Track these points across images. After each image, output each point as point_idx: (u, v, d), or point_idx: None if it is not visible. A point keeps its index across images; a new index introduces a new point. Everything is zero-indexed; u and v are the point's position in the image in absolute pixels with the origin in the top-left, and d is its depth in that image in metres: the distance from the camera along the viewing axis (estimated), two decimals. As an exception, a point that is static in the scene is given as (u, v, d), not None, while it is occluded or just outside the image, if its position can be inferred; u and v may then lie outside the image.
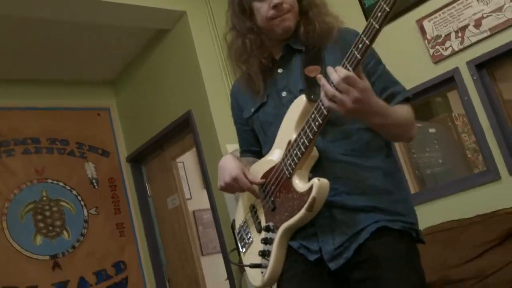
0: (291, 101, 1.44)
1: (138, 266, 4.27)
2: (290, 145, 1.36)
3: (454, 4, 2.81)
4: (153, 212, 4.52)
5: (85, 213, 4.18)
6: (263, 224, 1.44)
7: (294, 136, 1.36)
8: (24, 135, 4.08)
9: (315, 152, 1.34)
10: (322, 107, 1.25)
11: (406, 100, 1.43)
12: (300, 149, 1.32)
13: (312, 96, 1.35)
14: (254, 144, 1.67)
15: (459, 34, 2.80)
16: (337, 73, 1.19)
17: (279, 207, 1.38)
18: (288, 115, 1.42)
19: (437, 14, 2.88)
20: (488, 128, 2.70)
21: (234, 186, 1.43)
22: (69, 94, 4.43)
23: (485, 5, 2.69)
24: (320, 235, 1.34)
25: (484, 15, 2.70)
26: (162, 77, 4.08)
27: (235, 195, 1.49)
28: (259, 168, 1.49)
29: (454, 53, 2.83)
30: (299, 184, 1.32)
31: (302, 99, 1.37)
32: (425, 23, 2.94)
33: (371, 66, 1.45)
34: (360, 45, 1.18)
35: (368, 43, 1.16)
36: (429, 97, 3.12)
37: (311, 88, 1.38)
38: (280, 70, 1.53)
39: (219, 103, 3.56)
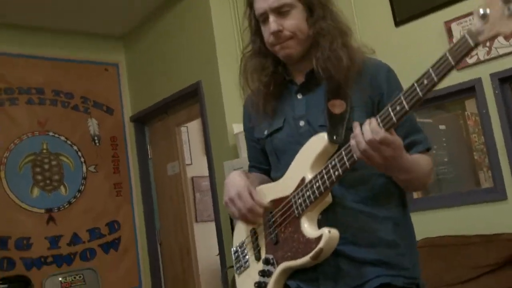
0: (309, 133, 1.36)
1: (131, 227, 4.29)
2: (304, 184, 1.30)
3: (487, 11, 2.66)
4: (152, 175, 4.50)
5: (84, 169, 4.16)
6: (263, 255, 1.40)
7: (309, 176, 1.29)
8: (29, 84, 4.01)
9: (329, 198, 1.29)
10: (345, 158, 1.20)
11: (427, 149, 1.36)
12: (314, 193, 1.26)
13: (334, 137, 1.28)
14: (263, 163, 1.61)
15: (487, 44, 2.67)
16: (371, 131, 1.13)
17: (283, 243, 1.34)
18: (306, 150, 1.34)
19: (467, 19, 2.75)
20: (502, 146, 2.63)
21: (237, 204, 1.37)
22: (78, 45, 4.32)
23: (520, 18, 2.56)
24: (321, 282, 1.30)
25: (517, 28, 2.57)
26: (175, 41, 3.96)
27: (234, 194, 1.41)
28: (266, 192, 1.43)
29: (479, 62, 2.71)
30: (308, 228, 1.27)
31: (323, 138, 1.29)
32: (454, 25, 2.80)
33: None
34: (398, 107, 1.10)
35: (408, 110, 1.10)
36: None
37: (333, 126, 1.31)
38: (299, 96, 1.44)
39: (230, 80, 3.46)
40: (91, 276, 3.91)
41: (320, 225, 1.28)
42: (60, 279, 3.76)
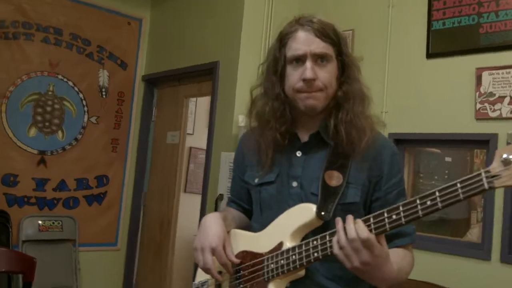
0: (299, 197, 1.33)
1: (120, 185, 4.29)
2: (280, 250, 1.27)
3: (522, 69, 2.57)
4: (151, 137, 4.47)
5: (85, 119, 4.12)
6: None
7: (287, 244, 1.26)
8: (48, 23, 3.92)
9: (302, 272, 1.26)
10: (328, 245, 1.15)
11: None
12: (288, 265, 1.23)
13: (322, 213, 1.23)
14: (245, 202, 1.57)
15: (514, 102, 2.59)
16: (357, 230, 1.08)
17: None
18: (290, 215, 1.30)
19: (500, 71, 2.65)
20: (500, 207, 2.58)
21: (206, 256, 1.32)
22: (106, -7, 4.22)
23: (553, 85, 2.47)
24: None
25: (547, 95, 2.48)
26: (204, 14, 3.86)
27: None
28: (240, 239, 1.40)
29: (500, 118, 2.63)
30: None
31: (311, 211, 1.24)
32: (485, 74, 2.71)
33: (391, 197, 1.33)
34: (394, 217, 1.07)
35: (403, 223, 1.06)
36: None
37: (324, 199, 1.26)
38: (299, 154, 1.38)
39: (248, 71, 3.39)
40: (69, 224, 3.94)
41: None
42: (39, 221, 3.78)
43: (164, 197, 4.25)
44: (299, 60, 1.32)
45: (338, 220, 1.13)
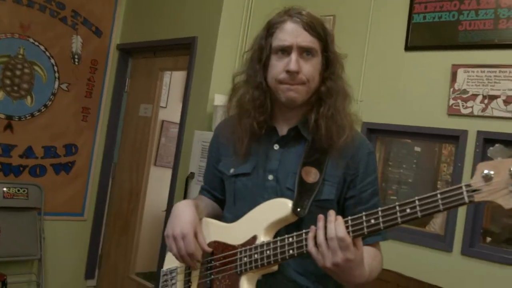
0: (274, 191, 1.33)
1: (88, 155, 4.22)
2: (254, 244, 1.27)
3: (497, 69, 2.62)
4: (123, 109, 4.39)
5: (56, 86, 4.01)
6: None
7: (261, 239, 1.26)
8: (21, -17, 3.76)
9: (275, 266, 1.27)
10: (305, 247, 1.16)
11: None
12: (262, 259, 1.23)
13: (298, 209, 1.24)
14: (217, 191, 1.57)
15: (485, 101, 2.64)
16: (336, 228, 1.09)
17: None
18: (265, 208, 1.30)
19: (475, 69, 2.70)
20: (464, 206, 2.65)
21: (179, 243, 1.32)
22: (83, -45, 4.06)
23: (525, 88, 2.53)
24: None
25: (518, 96, 2.55)
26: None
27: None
28: (212, 229, 1.39)
29: (471, 115, 2.69)
30: None
31: (287, 207, 1.25)
32: (460, 71, 2.75)
33: (365, 196, 1.35)
34: (372, 221, 1.08)
35: (381, 228, 1.08)
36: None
37: (300, 195, 1.27)
38: (276, 147, 1.38)
39: (226, 50, 3.35)
40: (35, 192, 3.86)
41: (258, 286, 1.27)
42: (4, 188, 3.69)
43: (134, 169, 4.21)
44: (285, 51, 1.31)
45: (320, 218, 1.14)
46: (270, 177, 1.35)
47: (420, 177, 3.60)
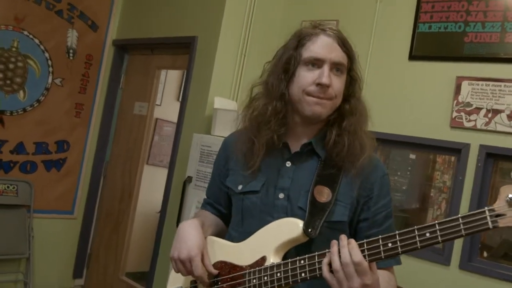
0: (284, 210, 1.28)
1: (81, 152, 4.14)
2: (263, 265, 1.23)
3: (502, 83, 2.60)
4: (117, 106, 4.31)
5: (50, 80, 3.91)
6: None
7: (271, 260, 1.22)
8: (17, -26, 3.66)
9: None
10: (318, 270, 1.13)
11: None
12: (272, 282, 1.19)
13: (309, 230, 1.20)
14: (222, 205, 1.52)
15: (489, 115, 2.62)
16: (351, 252, 1.05)
17: None
18: (275, 228, 1.25)
19: (480, 82, 2.67)
20: (464, 217, 2.64)
21: (186, 267, 1.28)
22: None
23: (530, 103, 2.51)
24: None
25: (523, 112, 2.53)
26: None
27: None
28: (218, 248, 1.35)
29: (474, 128, 2.67)
30: None
31: (298, 227, 1.20)
32: (464, 83, 2.73)
33: (379, 218, 1.31)
34: (390, 244, 1.04)
35: (400, 253, 1.04)
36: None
37: (312, 215, 1.22)
38: (288, 164, 1.33)
39: (227, 51, 3.29)
40: (25, 189, 3.78)
41: None
42: (-8, 184, 3.60)
43: (126, 168, 4.14)
44: (316, 64, 1.28)
45: (334, 243, 1.10)
46: (281, 195, 1.30)
47: (414, 185, 3.59)
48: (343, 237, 1.10)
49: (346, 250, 1.07)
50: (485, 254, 2.80)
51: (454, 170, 2.83)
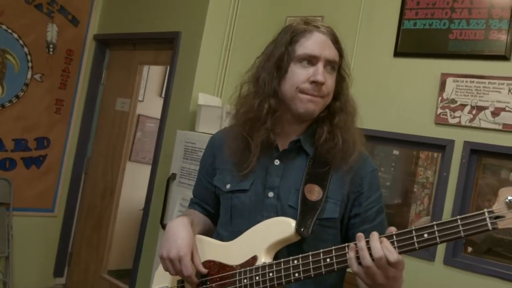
0: (275, 209, 1.27)
1: (61, 149, 4.06)
2: (254, 265, 1.21)
3: (486, 80, 2.62)
4: (98, 101, 4.24)
5: (29, 76, 3.83)
6: None
7: (262, 259, 1.20)
8: (-5, -34, 3.57)
9: None
10: (311, 266, 1.11)
11: None
12: (264, 283, 1.18)
13: (302, 229, 1.18)
14: (210, 205, 1.49)
15: (474, 112, 2.64)
16: (385, 251, 1.03)
17: None
18: (266, 228, 1.23)
19: (464, 79, 2.69)
20: (449, 214, 2.66)
21: (176, 266, 1.25)
22: None
23: (513, 100, 2.53)
24: None
25: (507, 109, 2.55)
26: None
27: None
28: (207, 247, 1.32)
29: (459, 125, 2.69)
30: None
31: (290, 227, 1.19)
32: (449, 80, 2.74)
33: (371, 214, 1.30)
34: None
35: (417, 248, 1.04)
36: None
37: (303, 214, 1.21)
38: (277, 162, 1.31)
39: (212, 46, 3.25)
40: (4, 186, 3.69)
41: None
42: (-30, 182, 3.51)
43: (108, 165, 4.07)
44: (310, 61, 1.26)
45: (361, 237, 1.08)
46: (271, 194, 1.29)
47: (397, 180, 3.61)
48: (374, 234, 1.07)
49: (378, 245, 1.05)
50: (469, 249, 2.82)
51: (438, 166, 2.84)
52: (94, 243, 4.01)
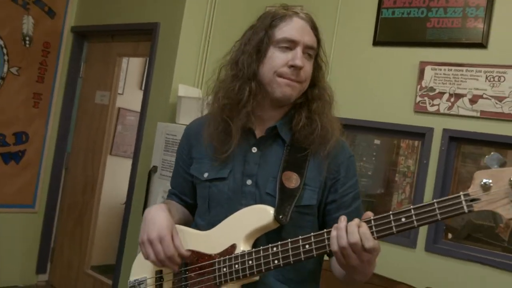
0: (253, 197, 1.26)
1: (40, 143, 4.00)
2: (233, 253, 1.20)
3: (464, 68, 2.64)
4: (77, 96, 4.18)
5: (5, 69, 3.75)
6: None
7: (241, 248, 1.20)
8: (-34, -43, 3.48)
9: (257, 276, 1.21)
10: (290, 252, 1.12)
11: None
12: (244, 270, 1.18)
13: (280, 217, 1.19)
14: (187, 195, 1.48)
15: (452, 99, 2.66)
16: (361, 234, 1.04)
17: None
18: (244, 216, 1.23)
19: (442, 67, 2.71)
20: (430, 200, 2.68)
21: (156, 247, 1.23)
22: None
23: (490, 87, 2.56)
24: None
25: (484, 96, 2.58)
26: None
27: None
28: (187, 237, 1.31)
29: (437, 113, 2.71)
30: None
31: (269, 214, 1.19)
32: (427, 68, 2.76)
33: (347, 200, 1.31)
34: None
35: (375, 238, 1.05)
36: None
37: (281, 201, 1.21)
38: (254, 150, 1.31)
39: (191, 37, 3.22)
40: (-18, 183, 3.64)
41: None
42: None
43: (89, 159, 4.03)
44: (289, 45, 1.26)
45: (343, 219, 1.09)
46: (249, 181, 1.28)
47: (378, 170, 3.64)
48: (343, 218, 1.10)
49: (355, 229, 1.06)
50: (449, 236, 2.86)
51: (418, 155, 2.86)
52: (77, 239, 3.97)
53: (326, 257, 1.28)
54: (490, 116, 2.55)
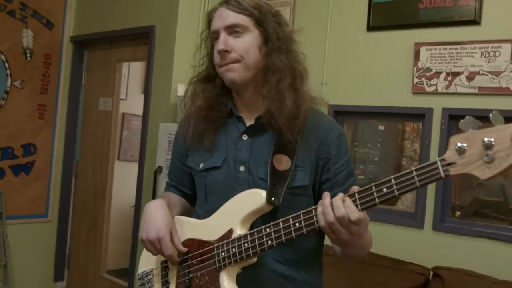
0: (247, 182, 1.30)
1: (49, 153, 4.06)
2: (230, 238, 1.24)
3: (459, 46, 2.64)
4: (81, 103, 4.24)
5: (9, 83, 3.82)
6: None
7: (238, 232, 1.24)
8: (-37, -24, 3.54)
9: (254, 258, 1.24)
10: (282, 232, 1.15)
11: None
12: (241, 253, 1.21)
13: (273, 199, 1.22)
14: (186, 186, 1.52)
15: (449, 78, 2.67)
16: (346, 207, 1.07)
17: None
18: (239, 201, 1.27)
19: (437, 47, 2.71)
20: (433, 183, 2.69)
21: (156, 247, 1.29)
22: None
23: (486, 63, 2.56)
24: None
25: (481, 72, 2.58)
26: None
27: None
28: (186, 227, 1.35)
29: (436, 93, 2.72)
30: (226, 285, 1.23)
31: (261, 197, 1.22)
32: (423, 49, 2.77)
33: (340, 178, 1.33)
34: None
35: (360, 210, 1.07)
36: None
37: (274, 184, 1.24)
38: (245, 137, 1.34)
39: (187, 37, 3.25)
40: (-5, 196, 3.70)
41: (238, 280, 1.25)
42: (-40, 195, 3.52)
43: (97, 166, 4.09)
44: (216, 36, 1.31)
45: (326, 195, 1.12)
46: (242, 168, 1.32)
47: (385, 155, 3.65)
48: (339, 195, 1.11)
49: (338, 202, 1.08)
50: (456, 213, 2.87)
51: (420, 135, 2.87)
52: (91, 244, 4.03)
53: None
54: (488, 92, 2.56)
